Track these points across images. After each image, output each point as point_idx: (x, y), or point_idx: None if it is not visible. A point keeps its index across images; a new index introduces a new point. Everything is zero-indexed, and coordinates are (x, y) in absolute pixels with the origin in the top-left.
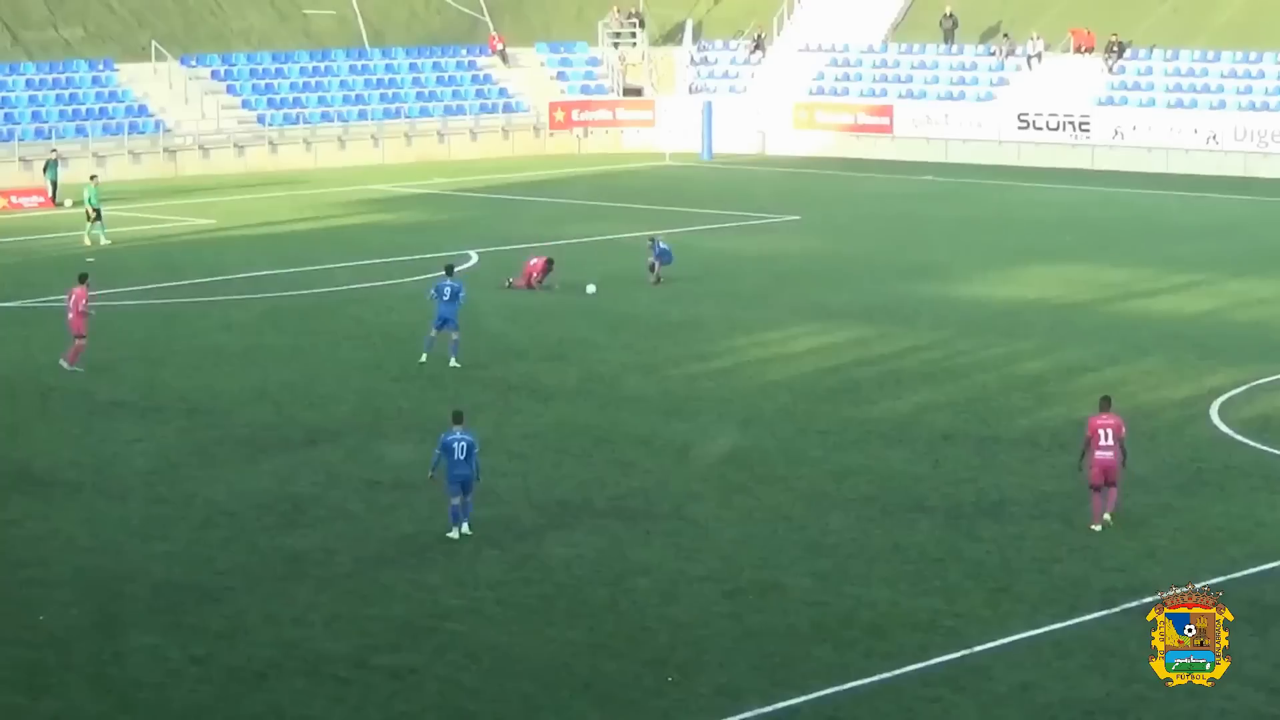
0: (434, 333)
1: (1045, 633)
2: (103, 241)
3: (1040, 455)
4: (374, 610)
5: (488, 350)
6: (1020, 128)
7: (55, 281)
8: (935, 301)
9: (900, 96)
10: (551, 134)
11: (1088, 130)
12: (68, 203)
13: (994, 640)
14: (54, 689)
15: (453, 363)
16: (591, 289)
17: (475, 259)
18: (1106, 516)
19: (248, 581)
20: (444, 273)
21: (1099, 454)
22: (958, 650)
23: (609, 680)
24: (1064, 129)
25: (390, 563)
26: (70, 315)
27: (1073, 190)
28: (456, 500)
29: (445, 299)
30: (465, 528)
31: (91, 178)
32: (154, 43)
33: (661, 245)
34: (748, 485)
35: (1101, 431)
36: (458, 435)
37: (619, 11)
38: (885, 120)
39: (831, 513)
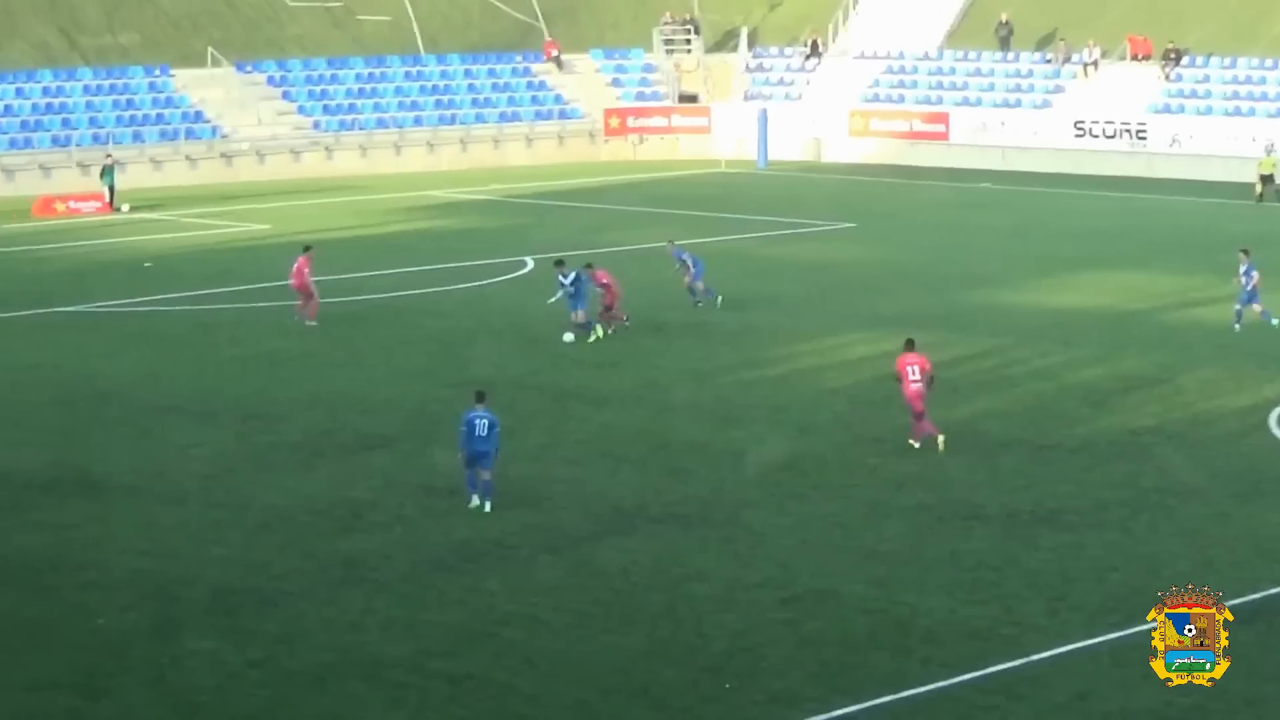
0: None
1: (1103, 642)
2: None
3: (1098, 463)
4: (430, 615)
5: (542, 357)
6: (1077, 135)
7: (112, 287)
8: (991, 309)
9: (956, 104)
10: (606, 140)
11: (1144, 138)
12: (125, 207)
13: (1051, 649)
14: (112, 692)
15: None
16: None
17: (531, 264)
18: (940, 438)
19: (304, 586)
20: (585, 268)
21: (912, 386)
22: (1015, 659)
23: (665, 687)
24: (1120, 136)
25: (446, 568)
26: (293, 282)
27: (1129, 198)
28: (470, 470)
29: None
30: (487, 506)
31: None
32: (210, 49)
33: (685, 255)
34: (803, 492)
35: (909, 369)
36: (480, 413)
37: (674, 18)
38: (941, 127)
39: (888, 520)
